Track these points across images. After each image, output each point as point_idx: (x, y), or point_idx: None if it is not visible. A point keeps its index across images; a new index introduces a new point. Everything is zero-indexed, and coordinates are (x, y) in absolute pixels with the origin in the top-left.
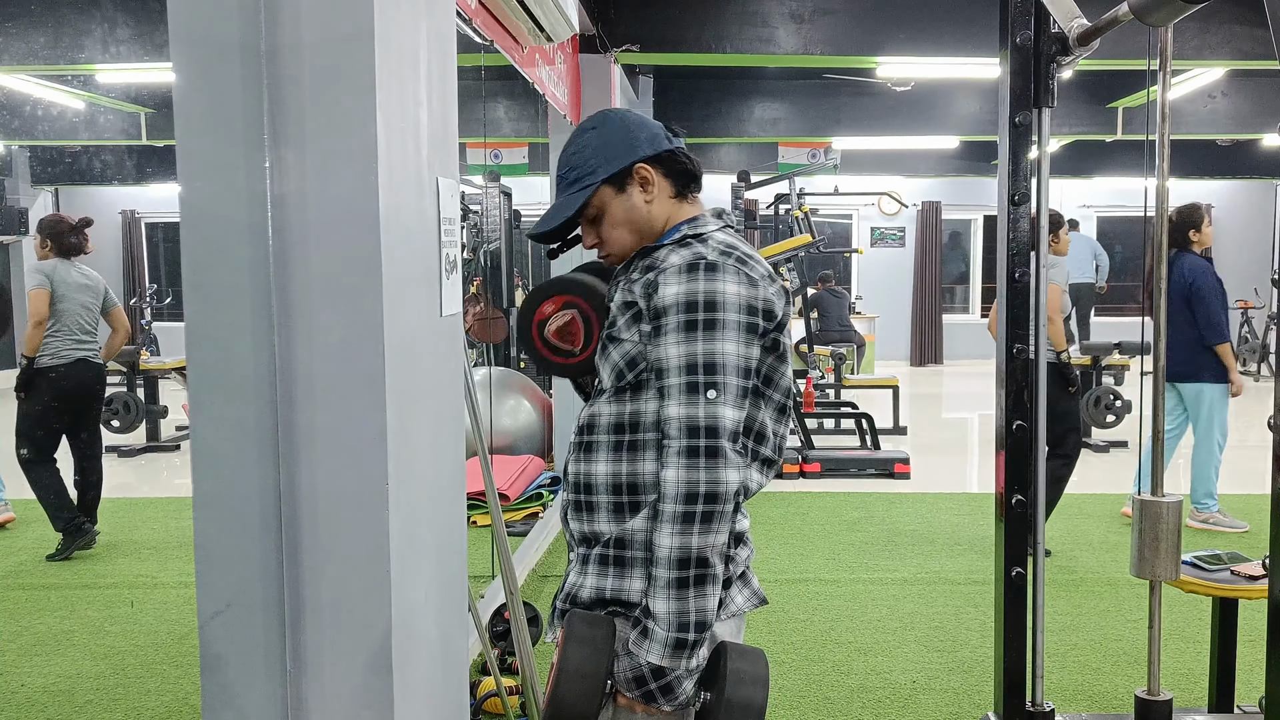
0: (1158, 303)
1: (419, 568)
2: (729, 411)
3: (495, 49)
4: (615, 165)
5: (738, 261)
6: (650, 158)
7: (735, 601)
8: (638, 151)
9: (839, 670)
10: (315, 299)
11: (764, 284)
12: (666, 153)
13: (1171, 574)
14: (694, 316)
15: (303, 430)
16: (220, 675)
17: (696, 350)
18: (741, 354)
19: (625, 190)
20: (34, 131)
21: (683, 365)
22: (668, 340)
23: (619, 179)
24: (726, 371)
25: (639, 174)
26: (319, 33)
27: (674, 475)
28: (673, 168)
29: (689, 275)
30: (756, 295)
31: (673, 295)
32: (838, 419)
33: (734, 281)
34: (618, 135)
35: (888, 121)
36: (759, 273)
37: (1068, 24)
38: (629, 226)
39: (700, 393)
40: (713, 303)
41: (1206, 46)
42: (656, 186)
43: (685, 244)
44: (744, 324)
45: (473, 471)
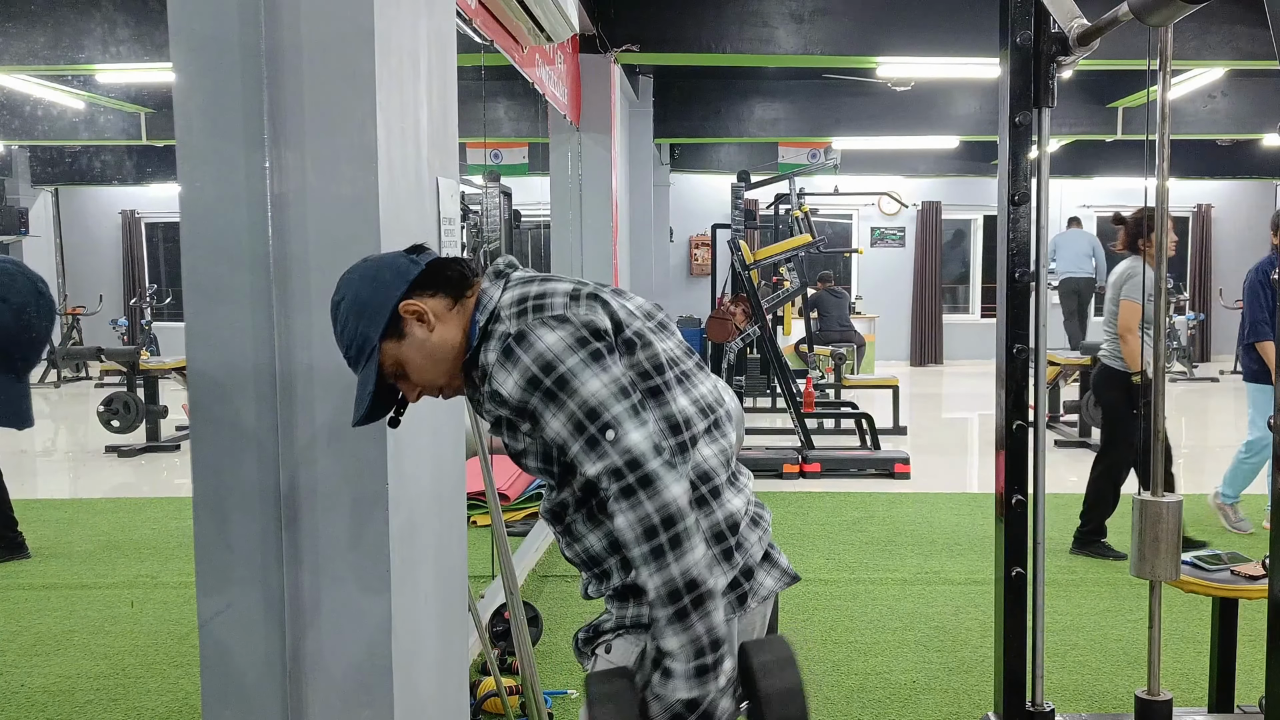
0: (1158, 302)
1: (419, 568)
2: (634, 436)
3: (495, 49)
4: (380, 319)
5: (535, 311)
6: (407, 292)
7: (765, 585)
8: (392, 294)
9: (839, 670)
10: (315, 299)
11: (572, 310)
12: (420, 276)
13: (1171, 574)
14: (544, 388)
15: (302, 430)
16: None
17: (570, 409)
18: (606, 382)
19: (406, 335)
20: (34, 131)
21: (571, 430)
22: (544, 421)
23: (393, 330)
24: (607, 407)
25: (407, 313)
26: (319, 33)
27: (624, 520)
28: (436, 281)
29: (510, 361)
30: (574, 326)
31: (514, 386)
32: (838, 419)
33: (547, 332)
34: (367, 290)
35: (888, 121)
36: (559, 304)
37: (1068, 24)
38: (431, 362)
39: (601, 441)
40: (547, 364)
41: (1206, 46)
42: (431, 312)
43: (488, 335)
44: (585, 358)
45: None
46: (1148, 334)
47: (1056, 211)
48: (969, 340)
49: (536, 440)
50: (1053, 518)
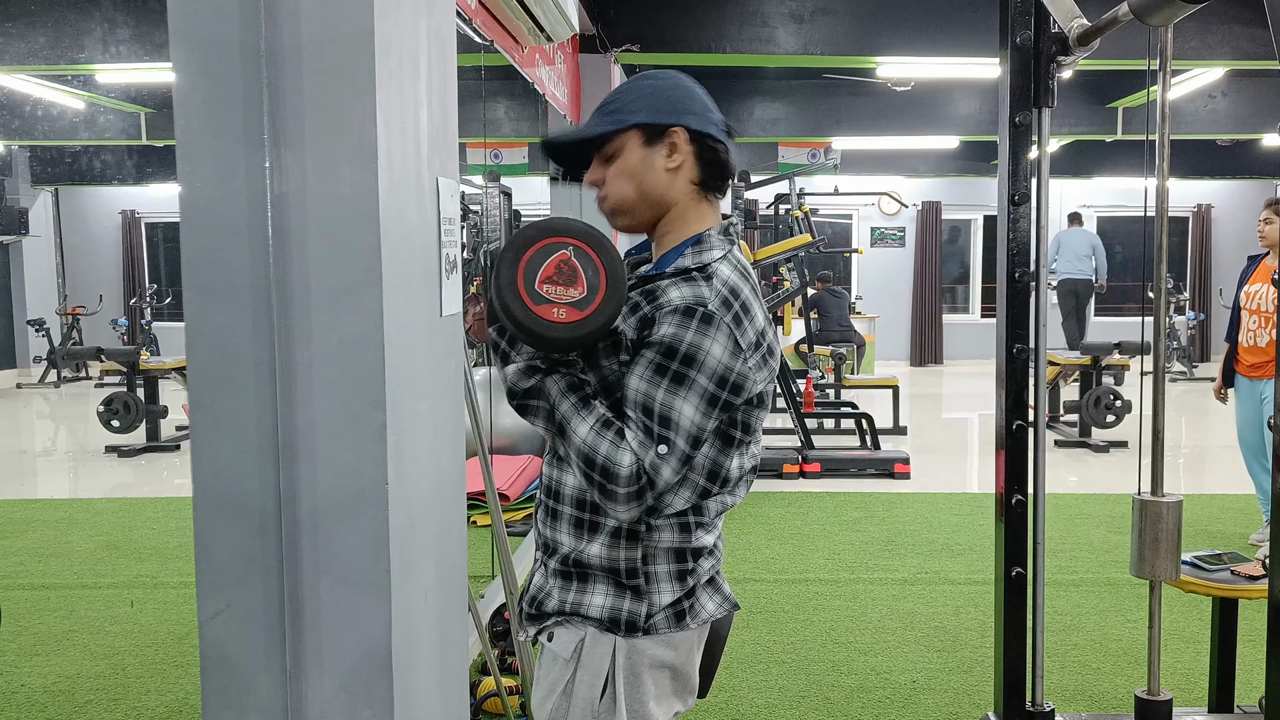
0: (1158, 303)
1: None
2: (668, 473)
3: (495, 49)
4: (656, 117)
5: (734, 320)
6: (693, 130)
7: (706, 609)
8: (683, 117)
9: (839, 670)
10: (315, 299)
11: (749, 353)
12: (710, 136)
13: (1171, 574)
14: (669, 363)
15: (303, 430)
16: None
17: (657, 397)
18: (696, 423)
19: (652, 146)
20: (34, 131)
21: (643, 404)
22: (639, 373)
23: (652, 132)
24: (680, 433)
25: (672, 137)
26: (319, 33)
27: (624, 458)
28: (708, 154)
29: (683, 319)
30: (734, 368)
31: (659, 334)
32: (838, 419)
33: (721, 344)
34: (674, 94)
35: (888, 121)
36: (749, 338)
37: (1068, 24)
38: (635, 183)
39: (654, 442)
40: (691, 358)
41: (1206, 46)
42: (684, 162)
43: (690, 279)
44: (709, 395)
45: (473, 471)
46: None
47: (1056, 211)
48: (969, 340)
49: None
50: (1053, 518)
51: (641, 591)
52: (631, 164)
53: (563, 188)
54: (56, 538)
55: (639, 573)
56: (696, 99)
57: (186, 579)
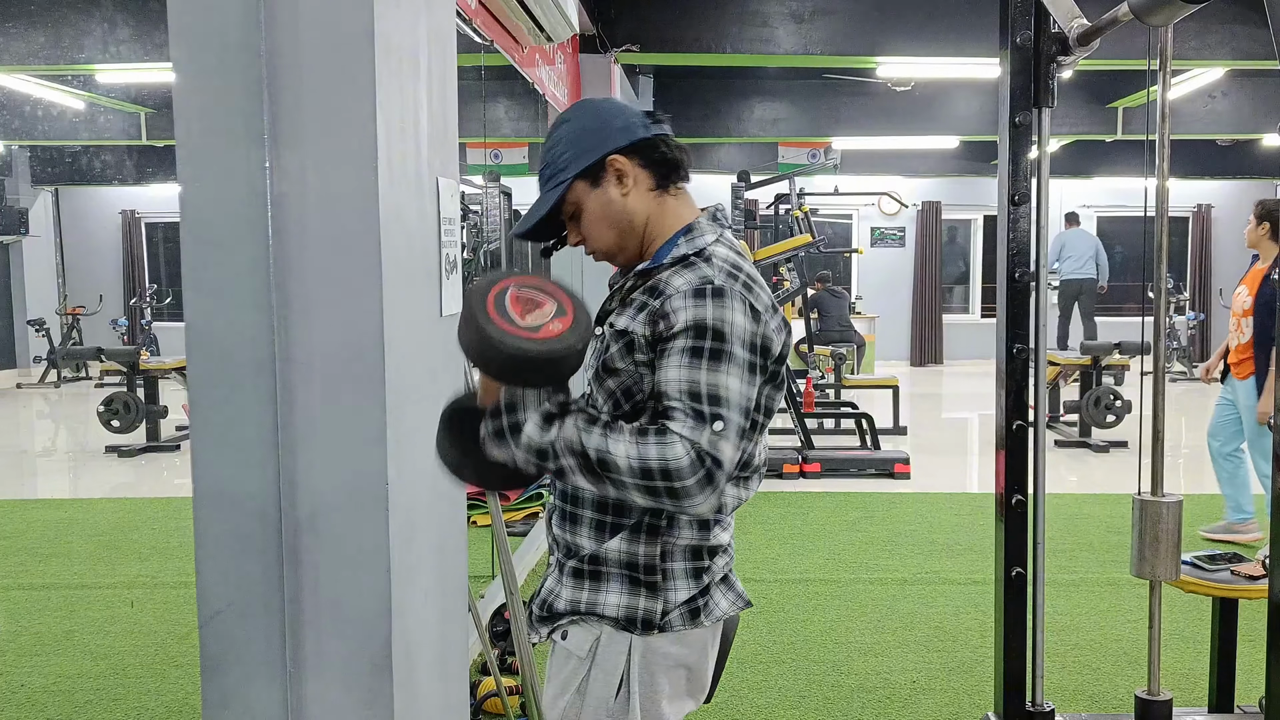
0: (1158, 303)
1: (419, 568)
2: (729, 449)
3: (495, 49)
4: (587, 159)
5: (744, 288)
6: (625, 148)
7: (720, 607)
8: (610, 142)
9: (839, 670)
10: (315, 299)
11: (767, 316)
12: (643, 141)
13: (1171, 574)
14: (701, 344)
15: (303, 430)
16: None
17: (701, 379)
18: (744, 393)
19: (600, 184)
20: (34, 131)
21: (687, 391)
22: (673, 363)
23: (592, 173)
24: (730, 407)
25: (612, 167)
26: (319, 33)
27: (678, 451)
28: (651, 157)
29: (696, 300)
30: (758, 332)
31: (685, 317)
32: (838, 419)
33: (741, 312)
34: (590, 126)
35: (888, 121)
36: (763, 302)
37: (1068, 24)
38: (607, 222)
39: (707, 422)
40: (721, 332)
41: (1206, 46)
42: (633, 179)
43: (689, 265)
44: (747, 362)
45: None
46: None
47: (1056, 211)
48: (969, 340)
49: (637, 373)
50: (1053, 518)
51: (657, 589)
52: (595, 211)
53: None
54: (56, 538)
55: (656, 569)
56: (610, 116)
57: (186, 579)
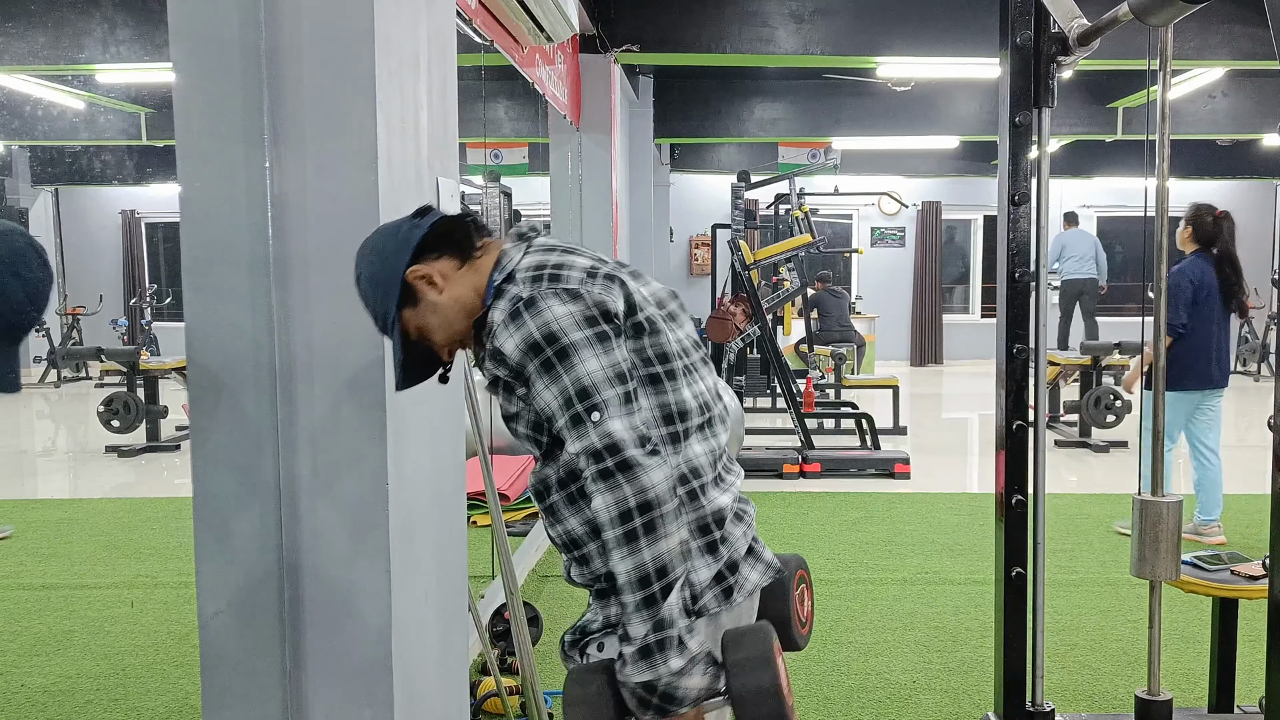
0: (1158, 303)
1: (419, 568)
2: (618, 424)
3: (495, 49)
4: (394, 291)
5: (550, 280)
6: (412, 259)
7: (750, 579)
8: (399, 265)
9: (839, 670)
10: (315, 299)
11: (587, 286)
12: (422, 240)
13: (1171, 574)
14: (543, 356)
15: (303, 430)
16: (220, 675)
17: (564, 385)
18: (605, 365)
19: (420, 300)
20: (34, 131)
21: (560, 404)
22: (536, 389)
23: (407, 298)
24: (599, 390)
25: (415, 284)
26: (319, 33)
27: (600, 502)
28: (441, 244)
29: (515, 324)
30: (586, 304)
31: (513, 348)
32: (838, 419)
33: (558, 304)
34: (377, 264)
35: (888, 121)
36: (575, 279)
37: (1068, 24)
38: (446, 322)
39: (585, 421)
40: (551, 335)
41: (1206, 46)
42: (439, 274)
43: (500, 294)
44: (590, 338)
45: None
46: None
47: (1056, 211)
48: (969, 340)
49: (529, 407)
50: (1053, 518)
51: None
52: (432, 324)
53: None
54: (56, 538)
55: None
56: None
57: (186, 579)
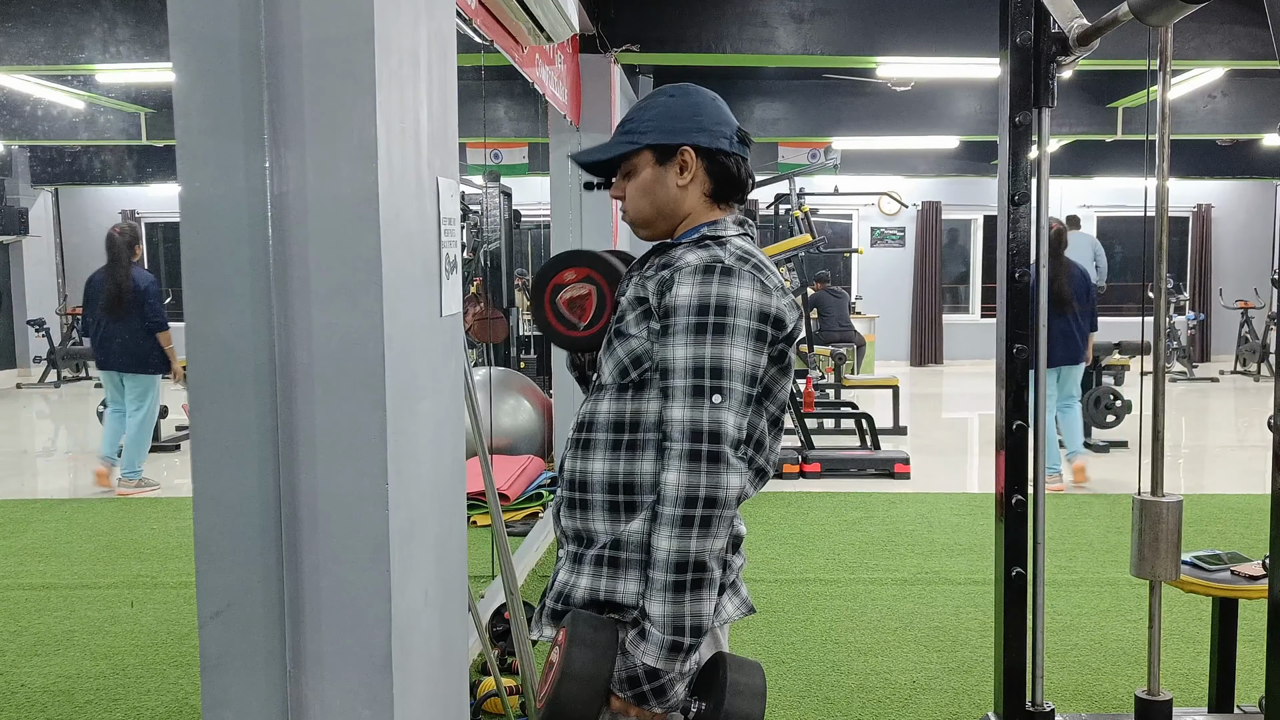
0: (1158, 303)
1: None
2: (732, 418)
3: (495, 49)
4: (666, 138)
5: (754, 269)
6: (702, 148)
7: (726, 610)
8: (692, 136)
9: (839, 670)
10: (315, 299)
11: (777, 294)
12: (720, 151)
13: (1171, 574)
14: (704, 320)
15: (303, 430)
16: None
17: (704, 353)
18: (749, 360)
19: (665, 165)
20: (34, 131)
21: (689, 368)
22: (675, 341)
23: (664, 151)
24: (733, 377)
25: (682, 156)
26: (319, 33)
27: (675, 478)
28: (719, 169)
29: (703, 277)
30: (769, 303)
31: (685, 296)
32: (838, 419)
33: (748, 287)
34: (685, 112)
35: (888, 121)
36: (774, 282)
37: (1068, 24)
38: (651, 199)
39: (705, 397)
40: (724, 307)
41: (1206, 46)
42: (694, 177)
43: (703, 245)
44: (753, 330)
45: (473, 471)
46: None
47: (1057, 212)
48: (969, 340)
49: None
50: (1053, 518)
51: None
52: (646, 182)
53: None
54: (56, 538)
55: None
56: (708, 114)
57: (186, 579)
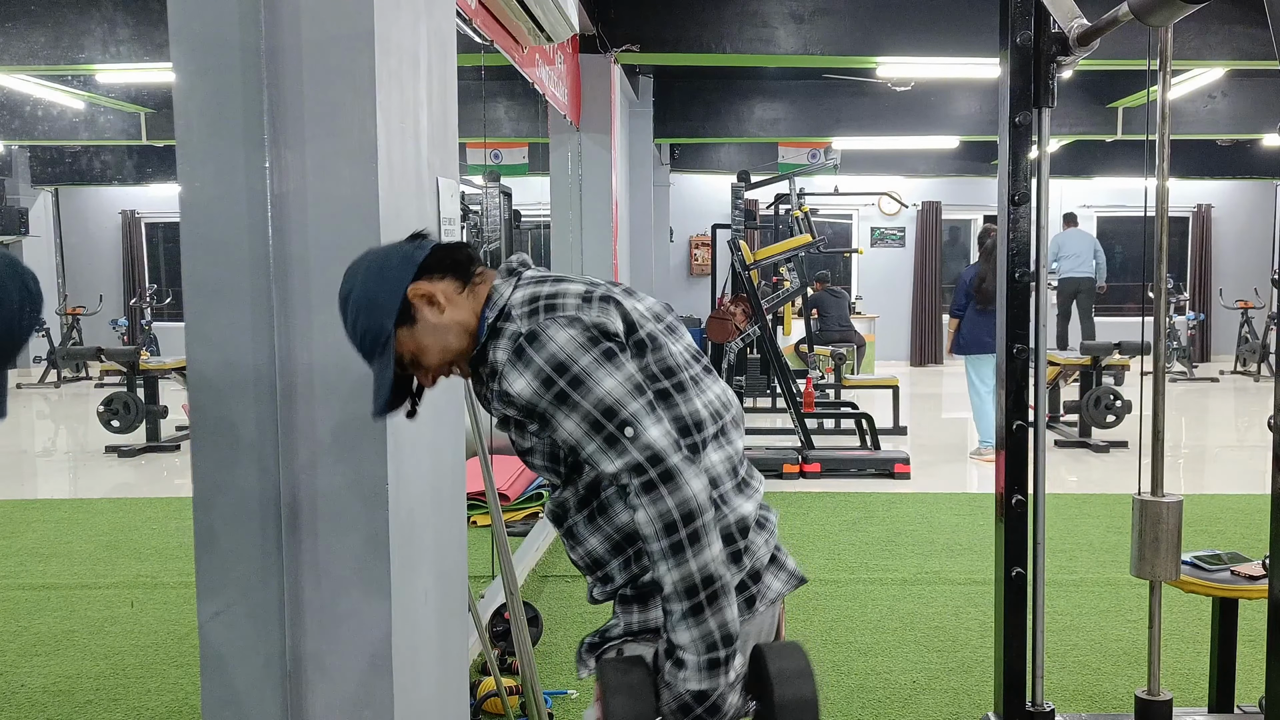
0: (1158, 303)
1: (419, 568)
2: (654, 432)
3: (495, 49)
4: (393, 307)
5: (547, 311)
6: (416, 276)
7: (773, 588)
8: (402, 281)
9: (839, 670)
10: (315, 299)
11: (584, 311)
12: (427, 260)
13: (1171, 574)
14: (557, 388)
15: (303, 430)
16: (220, 675)
17: (585, 410)
18: (621, 380)
19: (418, 320)
20: (34, 131)
21: (586, 430)
22: (557, 421)
23: (405, 316)
24: (624, 404)
25: (416, 297)
26: (319, 33)
27: (644, 515)
28: (443, 265)
29: (522, 361)
30: (586, 322)
31: (525, 386)
32: (838, 419)
33: (559, 332)
34: (374, 281)
35: (888, 121)
36: (572, 305)
37: (1068, 24)
38: (444, 343)
39: (621, 438)
40: (559, 364)
41: (1206, 46)
42: (441, 294)
43: (497, 333)
44: (599, 357)
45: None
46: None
47: (1056, 211)
48: None
49: (544, 440)
50: (1053, 518)
51: None
52: (430, 345)
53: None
54: (56, 538)
55: None
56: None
57: (186, 579)
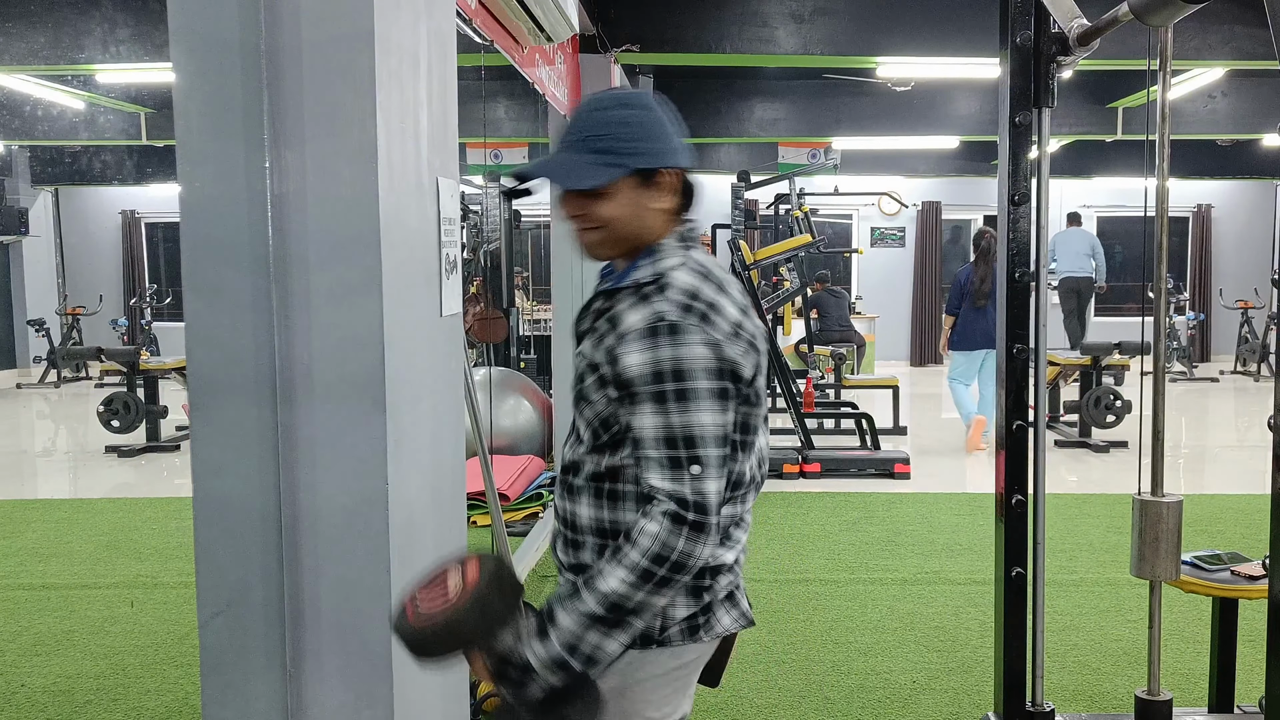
0: (1158, 303)
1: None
2: (714, 485)
3: (495, 49)
4: (650, 161)
5: (701, 319)
6: (677, 170)
7: (722, 623)
8: (673, 156)
9: (839, 670)
10: (315, 299)
11: (728, 344)
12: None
13: (1171, 574)
14: (663, 388)
15: (302, 430)
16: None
17: (673, 423)
18: (718, 423)
19: (644, 188)
20: (34, 131)
21: (660, 438)
22: (641, 410)
23: (645, 175)
24: (707, 444)
25: (666, 179)
26: (319, 33)
27: (655, 530)
28: (686, 186)
29: (650, 341)
30: (724, 355)
31: (637, 365)
32: (838, 419)
33: (699, 343)
34: (660, 131)
35: (888, 121)
36: (724, 330)
37: (1068, 24)
38: (624, 223)
39: (684, 468)
40: (679, 371)
41: (1206, 46)
42: (665, 194)
43: (644, 297)
44: (715, 390)
45: (473, 471)
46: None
47: (1056, 211)
48: None
49: (611, 406)
50: (1053, 518)
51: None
52: (622, 206)
53: None
54: (56, 538)
55: None
56: (673, 130)
57: (186, 579)
